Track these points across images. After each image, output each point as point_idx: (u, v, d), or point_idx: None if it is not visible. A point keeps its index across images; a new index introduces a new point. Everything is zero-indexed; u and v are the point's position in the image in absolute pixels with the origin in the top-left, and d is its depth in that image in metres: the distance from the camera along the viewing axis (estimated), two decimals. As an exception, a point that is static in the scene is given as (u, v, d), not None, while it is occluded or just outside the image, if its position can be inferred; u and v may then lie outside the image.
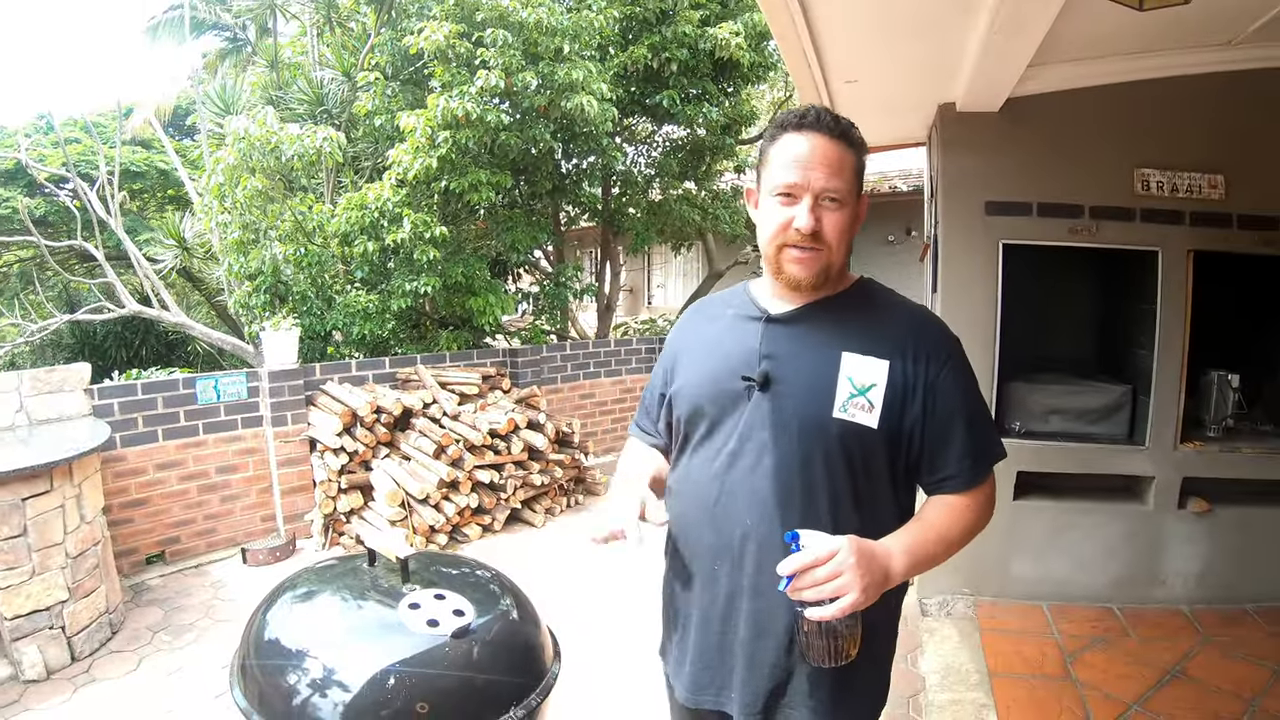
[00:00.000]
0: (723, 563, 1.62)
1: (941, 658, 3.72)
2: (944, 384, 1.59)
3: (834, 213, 1.54)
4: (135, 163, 12.52)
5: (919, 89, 4.03)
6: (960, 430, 1.60)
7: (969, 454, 1.60)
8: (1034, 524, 4.18)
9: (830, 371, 1.56)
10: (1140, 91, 3.85)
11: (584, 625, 4.41)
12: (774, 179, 1.56)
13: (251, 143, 6.81)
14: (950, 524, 1.59)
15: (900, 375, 1.56)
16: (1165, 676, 3.42)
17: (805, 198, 1.53)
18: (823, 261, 1.57)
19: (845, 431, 1.55)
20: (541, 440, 6.40)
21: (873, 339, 1.58)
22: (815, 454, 1.55)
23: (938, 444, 1.60)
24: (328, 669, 1.64)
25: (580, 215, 10.18)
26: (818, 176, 1.52)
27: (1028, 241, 4.04)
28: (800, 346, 1.61)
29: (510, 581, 2.06)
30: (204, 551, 5.69)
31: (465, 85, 6.95)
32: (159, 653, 4.26)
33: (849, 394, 1.55)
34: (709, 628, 1.66)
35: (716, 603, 1.64)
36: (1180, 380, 3.97)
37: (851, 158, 1.56)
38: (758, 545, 1.57)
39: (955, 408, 1.60)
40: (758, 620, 1.58)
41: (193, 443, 5.63)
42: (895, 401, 1.56)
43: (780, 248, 1.58)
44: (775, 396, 1.58)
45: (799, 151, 1.53)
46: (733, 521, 1.60)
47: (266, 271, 7.28)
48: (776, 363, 1.60)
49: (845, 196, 1.55)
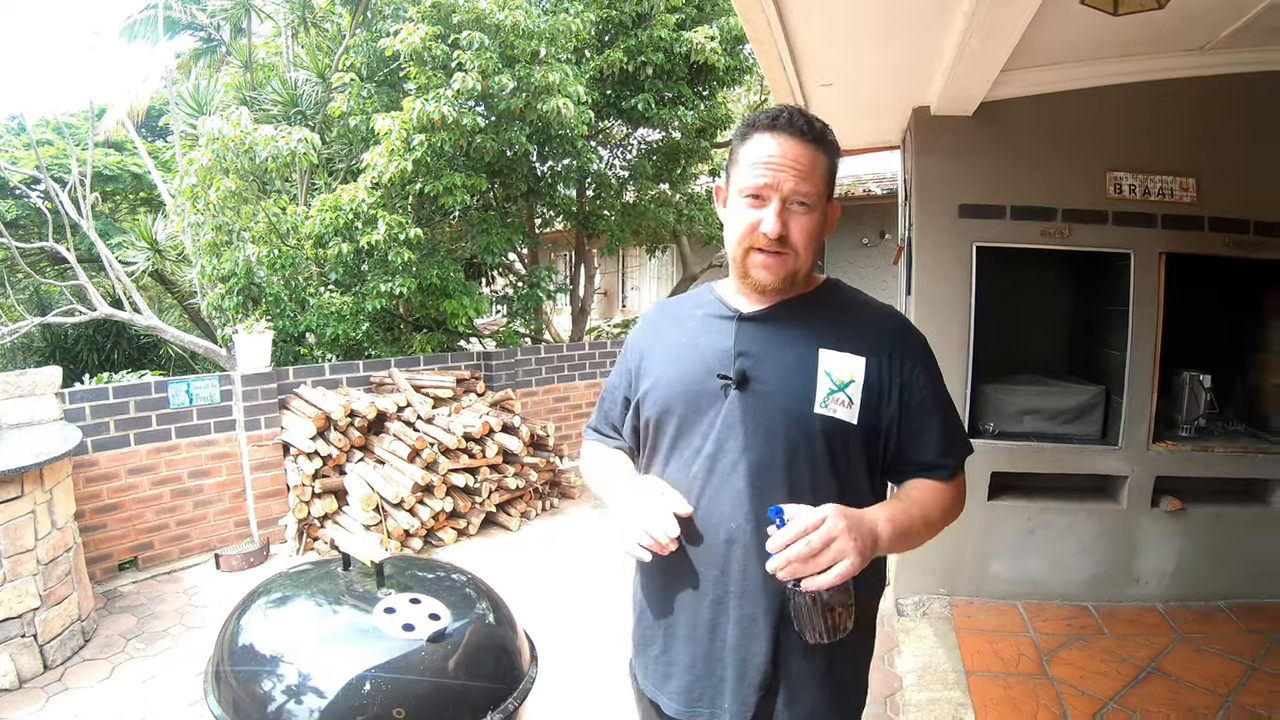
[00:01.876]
0: (708, 569, 1.57)
1: (918, 657, 3.73)
2: (918, 381, 1.59)
3: (803, 217, 1.52)
4: (108, 165, 12.40)
5: (894, 92, 4.04)
6: (935, 426, 1.61)
7: (943, 449, 1.61)
8: (1008, 524, 4.20)
9: (808, 368, 1.55)
10: (1114, 95, 3.88)
11: (561, 629, 4.39)
12: (743, 180, 1.54)
13: (225, 143, 6.74)
14: (930, 503, 1.59)
15: (876, 372, 1.56)
16: (1141, 673, 3.44)
17: (774, 200, 1.50)
18: (789, 266, 1.55)
19: (827, 427, 1.53)
20: (516, 443, 6.37)
21: (846, 336, 1.58)
22: (799, 451, 1.53)
23: (913, 440, 1.60)
24: (303, 675, 1.63)
25: (555, 218, 10.15)
26: (787, 179, 1.49)
27: (1001, 244, 4.06)
28: (775, 344, 1.59)
29: (486, 585, 2.05)
30: (177, 557, 5.63)
31: (441, 88, 6.91)
32: (132, 660, 4.20)
33: (828, 390, 1.54)
34: (696, 636, 1.60)
35: (703, 611, 1.59)
36: (1153, 380, 4.00)
37: (823, 161, 1.54)
38: (743, 548, 1.53)
39: (929, 405, 1.60)
40: (745, 626, 1.54)
41: (165, 447, 5.56)
42: (872, 398, 1.56)
43: (747, 250, 1.56)
44: (753, 395, 1.55)
45: (769, 153, 1.51)
46: (717, 526, 1.55)
47: (240, 273, 7.20)
48: (752, 360, 1.57)
49: (815, 201, 1.52)
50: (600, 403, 1.89)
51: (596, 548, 5.78)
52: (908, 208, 4.62)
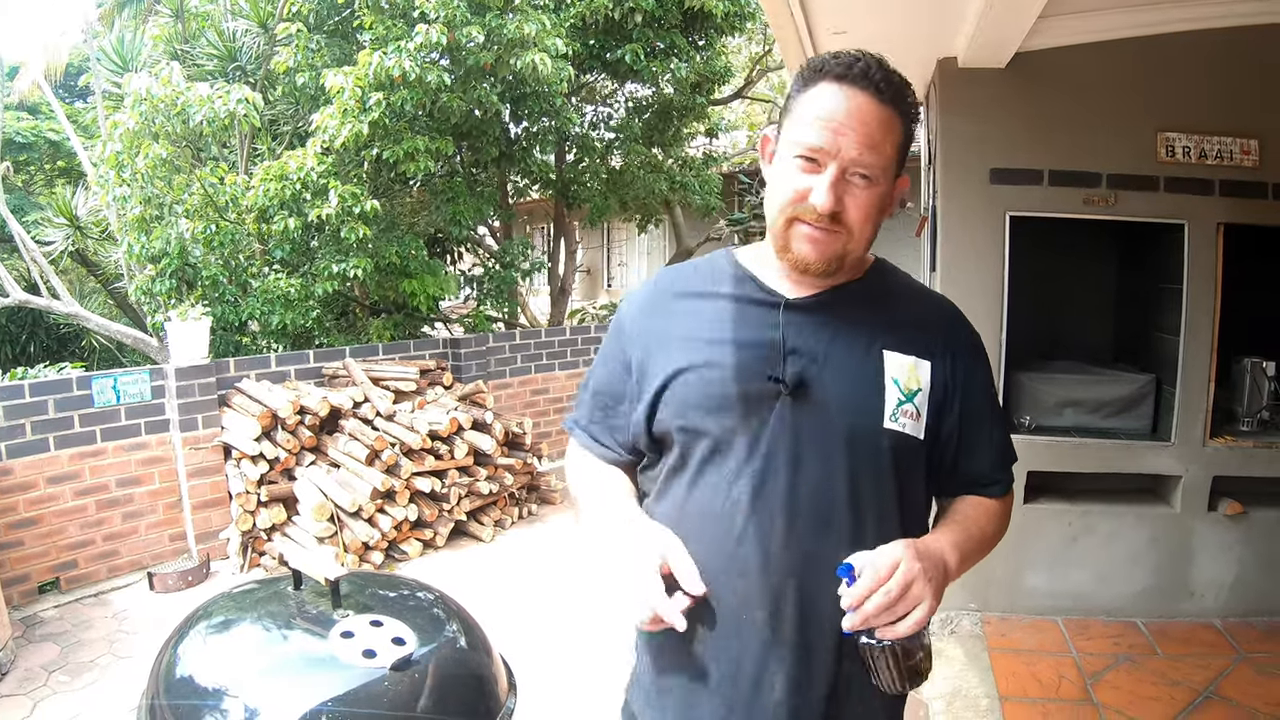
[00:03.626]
0: (754, 612, 1.45)
1: (947, 681, 3.72)
2: (974, 385, 1.55)
3: (863, 192, 1.40)
4: (21, 131, 12.31)
5: (916, 42, 4.01)
6: (991, 436, 1.57)
7: (997, 461, 1.58)
8: (1047, 530, 4.21)
9: (873, 373, 1.46)
10: (1165, 46, 3.85)
11: (541, 653, 4.37)
12: (797, 135, 1.41)
13: (154, 104, 6.69)
14: (986, 523, 1.56)
15: (940, 377, 1.50)
16: (1197, 698, 3.44)
17: (830, 167, 1.37)
18: (839, 247, 1.43)
19: (897, 444, 1.46)
20: (489, 442, 6.34)
21: (908, 335, 1.50)
22: (864, 472, 1.44)
23: (968, 452, 1.56)
24: (249, 710, 1.62)
25: (530, 186, 10.17)
26: (851, 145, 1.37)
27: (1038, 213, 4.05)
28: (832, 341, 1.48)
29: (457, 604, 2.04)
30: (105, 577, 5.58)
31: (402, 39, 6.86)
32: (55, 695, 4.17)
33: (898, 400, 1.46)
34: (738, 687, 1.48)
35: (746, 659, 1.47)
36: (1209, 369, 4.00)
37: (899, 126, 1.42)
38: (799, 588, 1.44)
39: (985, 411, 1.57)
40: (799, 677, 1.46)
41: (90, 451, 5.51)
42: (937, 407, 1.50)
43: (790, 221, 1.43)
44: (810, 404, 1.45)
45: (834, 108, 1.38)
46: (764, 562, 1.44)
47: (172, 253, 7.16)
48: (806, 360, 1.46)
49: (880, 174, 1.40)
50: (592, 398, 1.73)
51: (580, 561, 5.76)
52: (932, 173, 4.61)
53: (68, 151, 11.72)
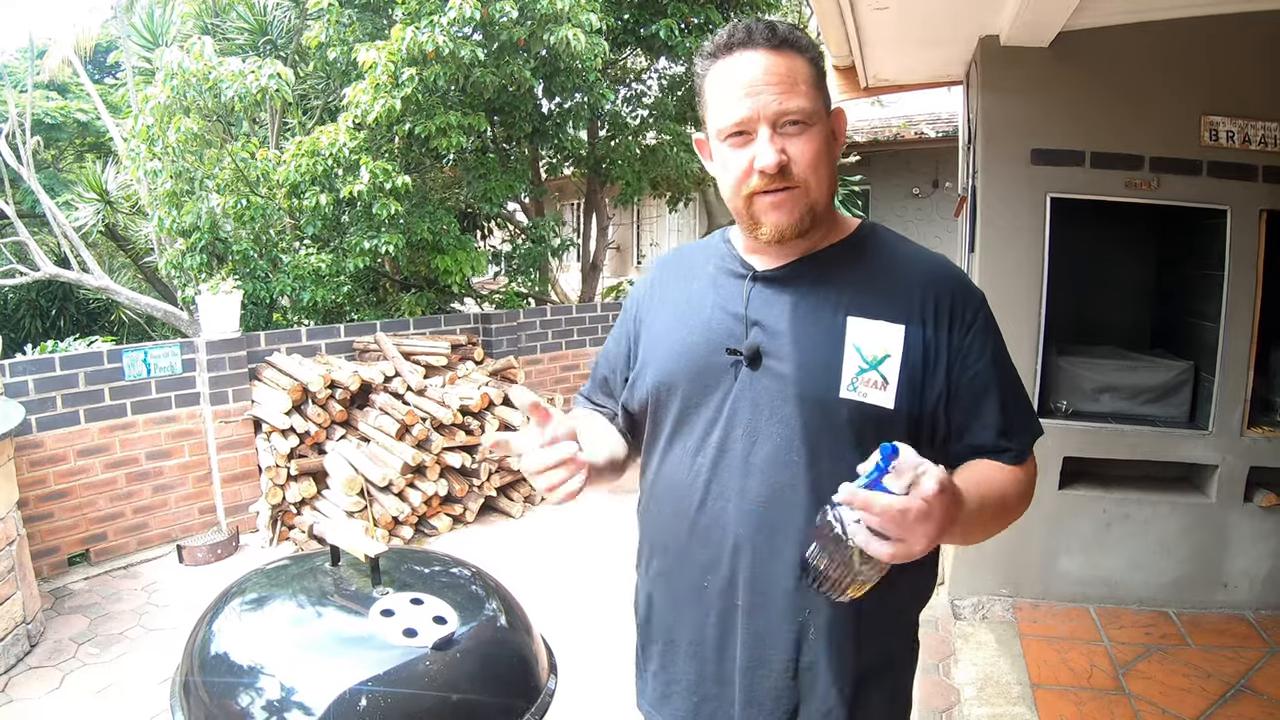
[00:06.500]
0: (713, 579, 1.52)
1: (978, 667, 3.72)
2: (972, 349, 1.48)
3: (800, 138, 1.41)
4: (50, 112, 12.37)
5: (959, 18, 3.97)
6: (993, 403, 1.49)
7: (1002, 430, 1.49)
8: (1081, 516, 4.20)
9: (834, 341, 1.45)
10: (1212, 28, 3.80)
11: (574, 632, 4.39)
12: (719, 120, 1.44)
13: (186, 79, 6.72)
14: (1004, 486, 1.46)
15: (919, 342, 1.45)
16: (1229, 690, 3.43)
17: (761, 128, 1.39)
18: (802, 200, 1.43)
19: (855, 414, 1.43)
20: (520, 418, 6.36)
21: (883, 299, 1.47)
22: (820, 444, 1.43)
23: (967, 422, 1.49)
24: (287, 689, 1.59)
25: (562, 162, 10.08)
26: (770, 100, 1.38)
27: (1079, 195, 4.02)
28: (795, 311, 1.49)
29: (495, 581, 2.00)
30: (134, 550, 5.66)
31: (434, 14, 6.83)
32: (85, 667, 4.21)
33: (858, 368, 1.43)
34: (702, 654, 1.56)
35: (708, 625, 1.54)
36: (1249, 356, 3.96)
37: (805, 67, 1.43)
38: (752, 557, 1.47)
39: (986, 376, 1.49)
40: (755, 644, 1.49)
41: (120, 425, 5.57)
42: (914, 376, 1.44)
43: (749, 198, 1.45)
44: (767, 374, 1.47)
45: (738, 77, 1.41)
46: (723, 530, 1.49)
47: (203, 227, 7.21)
48: (767, 332, 1.49)
49: (810, 115, 1.41)
50: (595, 368, 1.84)
51: (613, 537, 5.76)
52: (971, 153, 4.57)
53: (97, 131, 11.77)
